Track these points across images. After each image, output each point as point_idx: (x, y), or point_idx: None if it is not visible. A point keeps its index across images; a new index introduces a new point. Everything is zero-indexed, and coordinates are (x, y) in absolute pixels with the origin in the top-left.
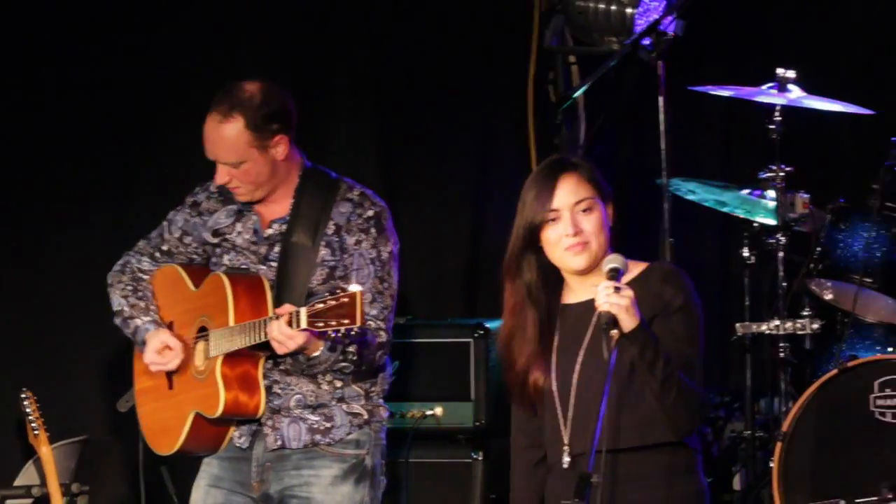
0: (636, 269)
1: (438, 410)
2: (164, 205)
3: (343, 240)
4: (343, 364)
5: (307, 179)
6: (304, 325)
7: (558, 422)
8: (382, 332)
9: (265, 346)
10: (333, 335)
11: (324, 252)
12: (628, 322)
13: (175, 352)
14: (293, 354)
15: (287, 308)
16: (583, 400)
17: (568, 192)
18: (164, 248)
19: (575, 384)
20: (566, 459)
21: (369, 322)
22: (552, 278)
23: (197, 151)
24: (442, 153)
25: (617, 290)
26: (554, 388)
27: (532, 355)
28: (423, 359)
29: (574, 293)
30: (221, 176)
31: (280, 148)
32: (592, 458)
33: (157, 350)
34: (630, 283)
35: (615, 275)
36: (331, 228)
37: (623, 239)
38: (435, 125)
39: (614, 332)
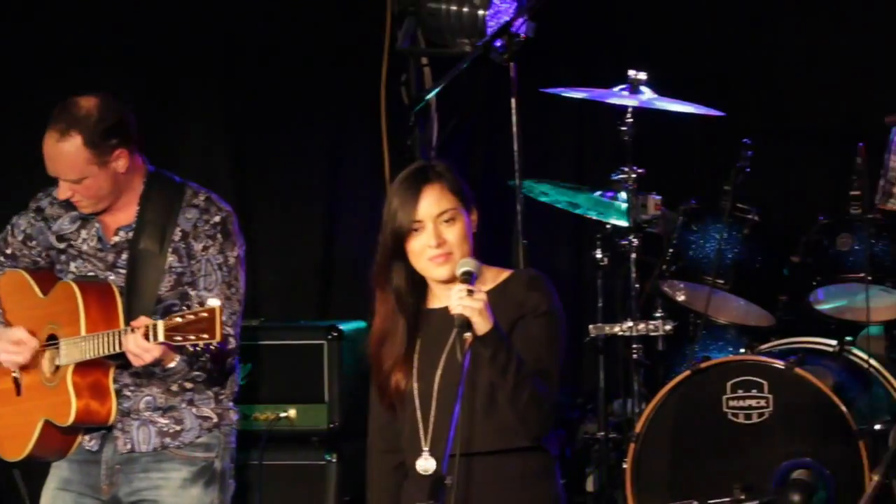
0: (500, 276)
1: (292, 412)
2: (11, 210)
3: (190, 246)
4: (197, 373)
5: (152, 185)
6: (161, 338)
7: (418, 426)
8: (231, 338)
9: (118, 356)
10: (192, 349)
11: (171, 259)
12: (482, 325)
13: (28, 345)
14: (148, 365)
15: (143, 321)
16: (443, 405)
17: (431, 204)
18: (8, 251)
19: (436, 389)
20: (424, 465)
21: None
22: (419, 284)
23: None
24: (294, 154)
25: (470, 292)
26: (415, 392)
27: (398, 360)
28: (277, 361)
29: (437, 298)
30: (63, 191)
31: (121, 162)
32: (446, 459)
33: (13, 341)
34: (494, 290)
35: (468, 278)
36: (177, 235)
37: (476, 240)
38: (287, 126)
39: (468, 335)
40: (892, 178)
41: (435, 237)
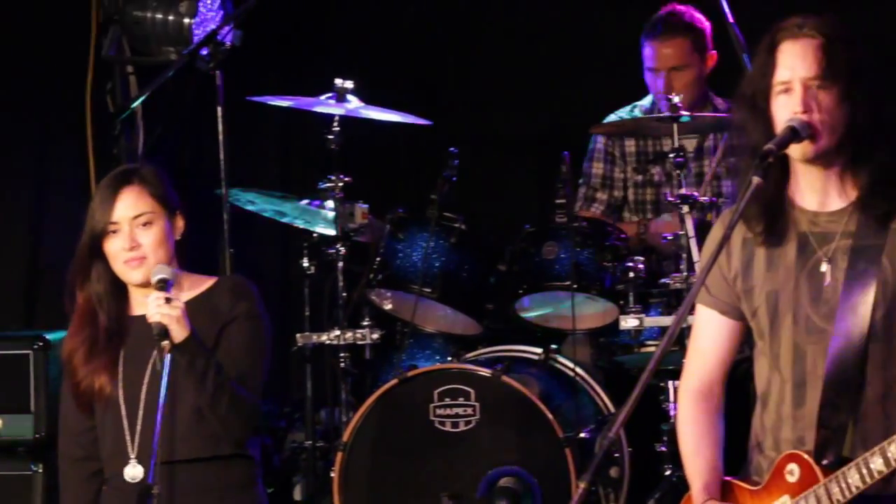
0: (205, 283)
1: None
2: None
3: None
4: None
5: None
6: None
7: (124, 434)
8: None
9: None
10: None
11: None
12: (179, 332)
13: None
14: None
15: None
16: (150, 413)
17: (128, 206)
18: None
19: (143, 397)
20: (132, 472)
21: None
22: (121, 288)
23: None
24: None
25: (168, 300)
26: (120, 399)
27: (99, 364)
28: None
29: (140, 304)
30: None
31: None
32: (152, 468)
33: None
34: (199, 297)
35: (164, 285)
36: None
37: (183, 248)
38: None
39: (165, 343)
40: (595, 185)
41: (129, 240)
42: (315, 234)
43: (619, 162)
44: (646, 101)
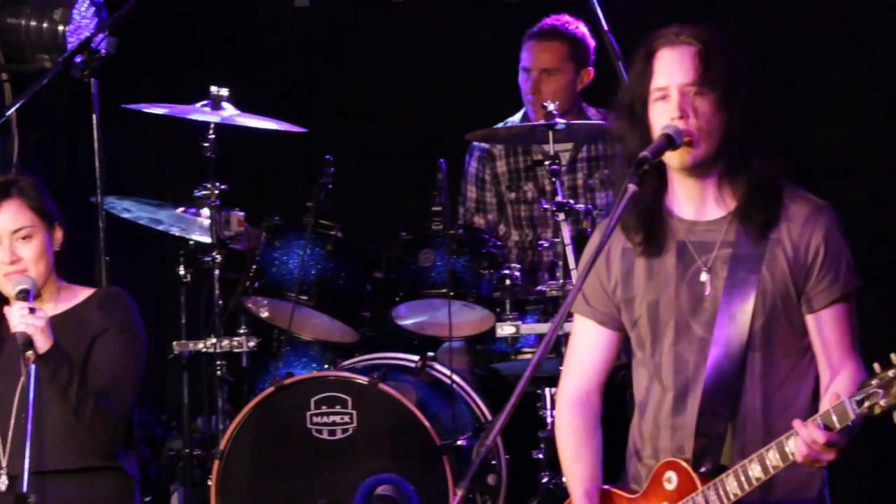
0: (81, 294)
1: None
2: None
3: None
4: None
5: None
6: None
7: None
8: None
9: None
10: None
11: None
12: (43, 343)
13: None
14: None
15: None
16: (21, 423)
17: (7, 220)
18: None
19: (15, 407)
20: (4, 481)
21: None
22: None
23: None
24: None
25: (32, 311)
26: None
27: None
28: None
29: None
30: None
31: None
32: (25, 479)
33: None
34: (72, 309)
35: (25, 296)
36: None
37: (60, 257)
38: None
39: (29, 353)
40: (470, 208)
41: (9, 254)
42: (191, 242)
43: (490, 186)
44: (516, 118)
